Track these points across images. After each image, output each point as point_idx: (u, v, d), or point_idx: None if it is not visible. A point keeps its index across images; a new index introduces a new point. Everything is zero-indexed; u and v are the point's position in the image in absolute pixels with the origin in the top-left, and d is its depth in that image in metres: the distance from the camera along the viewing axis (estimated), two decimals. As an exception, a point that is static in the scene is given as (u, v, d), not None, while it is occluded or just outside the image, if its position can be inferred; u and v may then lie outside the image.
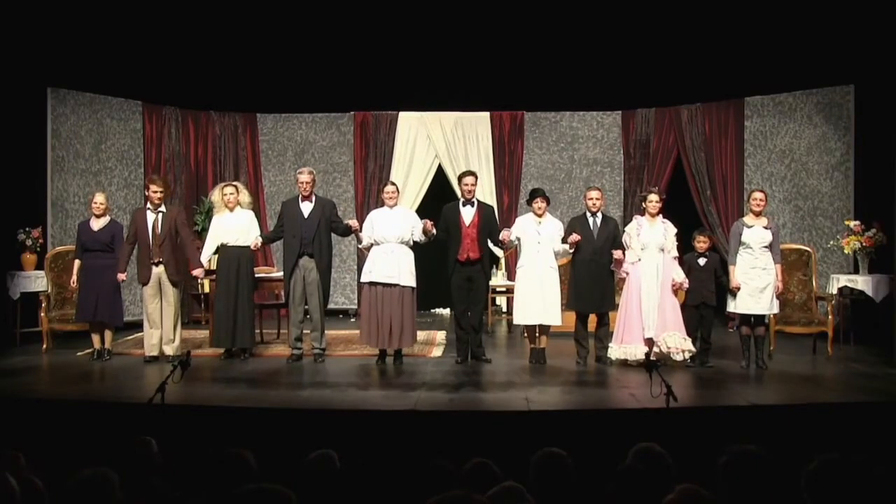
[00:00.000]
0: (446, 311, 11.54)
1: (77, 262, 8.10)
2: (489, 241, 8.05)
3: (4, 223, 8.93)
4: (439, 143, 11.37)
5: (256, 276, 8.41)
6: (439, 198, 11.26)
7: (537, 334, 7.87)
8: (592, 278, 7.71)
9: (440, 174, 11.42)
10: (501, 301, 11.37)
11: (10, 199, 8.94)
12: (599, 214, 7.77)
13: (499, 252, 9.76)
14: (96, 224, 8.06)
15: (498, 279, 10.45)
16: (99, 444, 4.13)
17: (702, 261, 7.62)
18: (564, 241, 7.72)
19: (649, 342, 7.46)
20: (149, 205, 7.99)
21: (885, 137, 8.35)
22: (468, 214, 7.85)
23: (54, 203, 9.68)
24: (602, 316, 7.85)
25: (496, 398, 6.52)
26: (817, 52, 9.25)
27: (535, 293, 7.65)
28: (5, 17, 8.51)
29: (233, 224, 7.98)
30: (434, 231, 7.79)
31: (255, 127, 11.64)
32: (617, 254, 7.58)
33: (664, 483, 2.99)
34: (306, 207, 7.90)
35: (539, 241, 7.69)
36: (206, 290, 10.22)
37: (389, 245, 7.69)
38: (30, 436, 4.94)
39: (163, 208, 7.96)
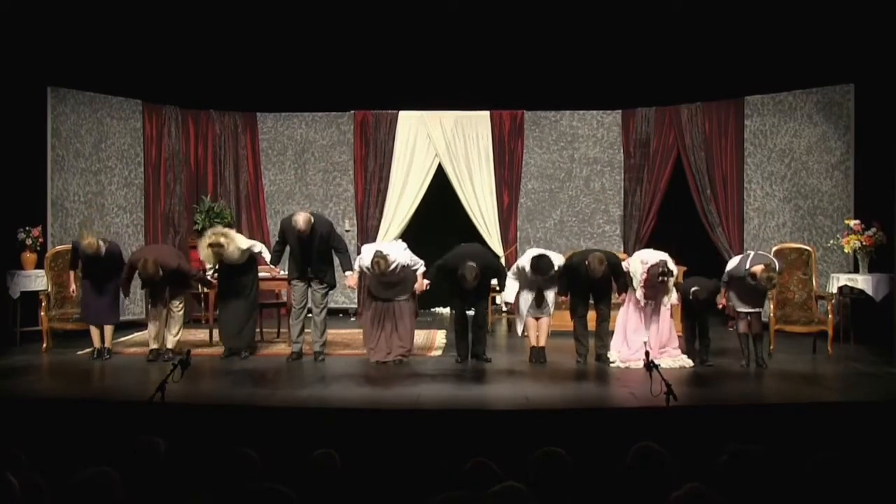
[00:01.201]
0: (446, 311, 11.53)
1: (73, 273, 8.15)
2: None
3: (4, 222, 8.92)
4: (439, 142, 11.35)
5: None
6: (439, 197, 11.29)
7: (537, 333, 7.90)
8: (589, 294, 7.91)
9: (440, 173, 11.40)
10: (501, 300, 11.35)
11: (10, 198, 8.92)
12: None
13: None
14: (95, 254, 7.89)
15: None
16: (99, 443, 4.14)
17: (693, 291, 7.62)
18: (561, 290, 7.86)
19: (646, 344, 7.48)
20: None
21: (885, 137, 8.34)
22: None
23: (54, 202, 9.67)
24: (602, 314, 7.87)
25: (496, 397, 6.53)
26: (817, 50, 9.24)
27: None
28: (5, 16, 8.50)
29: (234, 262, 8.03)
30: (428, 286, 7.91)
31: (255, 126, 11.63)
32: (621, 299, 7.79)
33: (664, 482, 2.99)
34: (305, 239, 7.79)
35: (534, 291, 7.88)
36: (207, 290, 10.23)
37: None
38: (30, 435, 4.94)
39: (160, 271, 7.68)
